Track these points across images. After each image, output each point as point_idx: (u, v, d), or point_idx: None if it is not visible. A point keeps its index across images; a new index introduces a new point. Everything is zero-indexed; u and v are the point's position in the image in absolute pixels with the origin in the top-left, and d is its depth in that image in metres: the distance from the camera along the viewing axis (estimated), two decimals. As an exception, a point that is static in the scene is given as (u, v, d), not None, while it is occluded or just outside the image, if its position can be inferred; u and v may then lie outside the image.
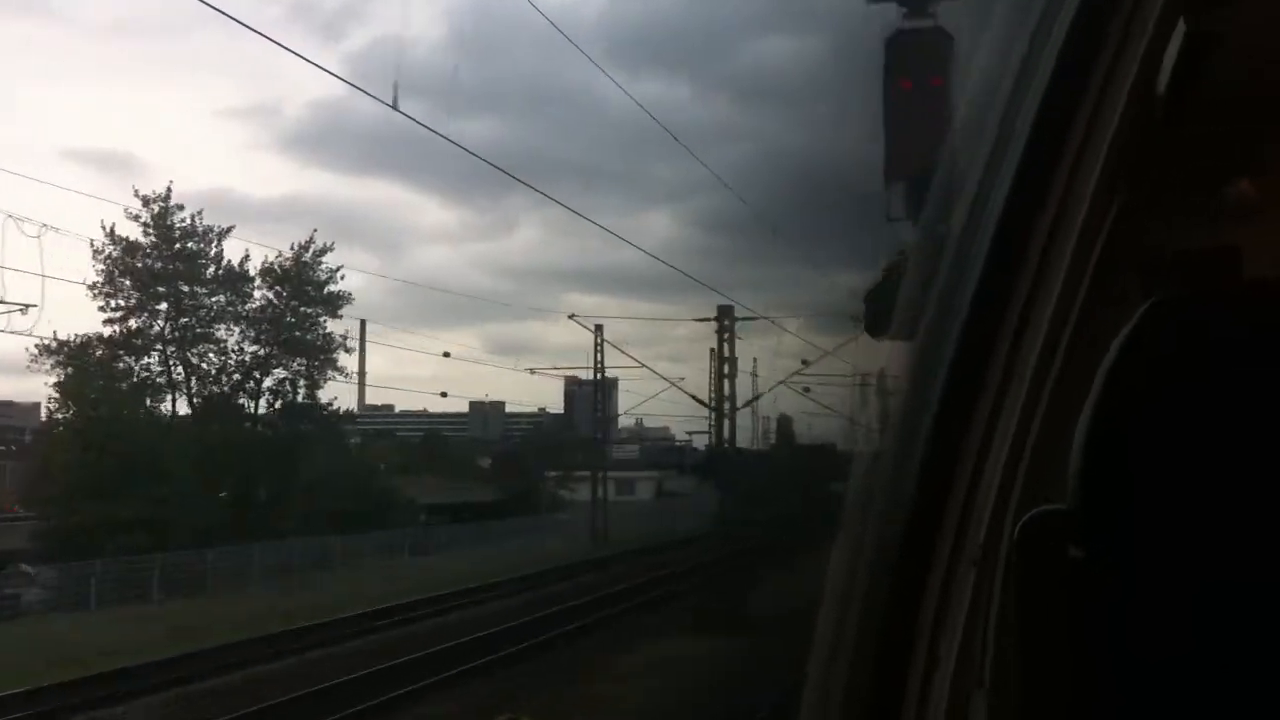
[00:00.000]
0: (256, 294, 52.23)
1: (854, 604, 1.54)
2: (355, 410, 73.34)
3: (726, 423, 46.92)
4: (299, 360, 53.06)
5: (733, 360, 49.04)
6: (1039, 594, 1.20)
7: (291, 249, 52.60)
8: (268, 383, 53.03)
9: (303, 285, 52.32)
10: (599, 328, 57.16)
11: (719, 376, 48.56)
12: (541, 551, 46.28)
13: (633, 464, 74.23)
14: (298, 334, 52.68)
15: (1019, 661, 1.22)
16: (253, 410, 53.11)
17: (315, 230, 57.66)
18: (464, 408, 78.53)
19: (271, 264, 52.11)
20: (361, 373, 70.03)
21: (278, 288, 52.33)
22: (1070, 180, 1.47)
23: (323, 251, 52.61)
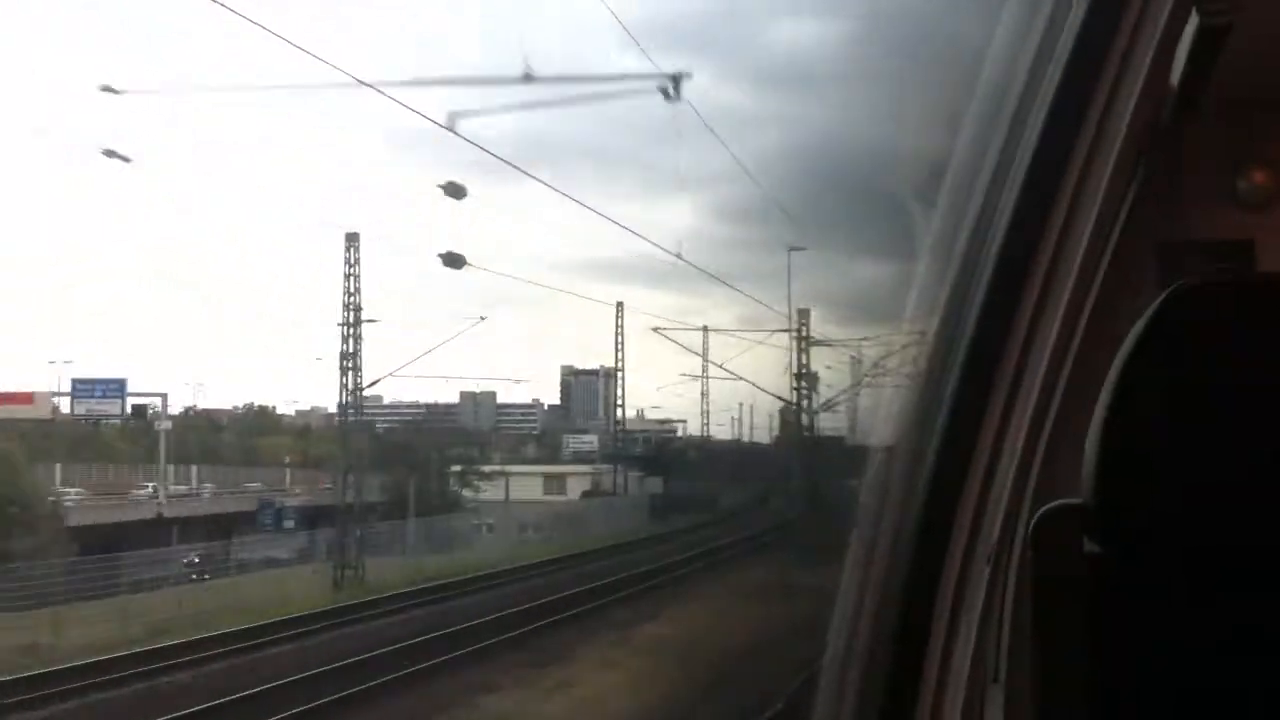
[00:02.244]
0: None
1: (869, 598, 1.56)
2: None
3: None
4: None
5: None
6: (1054, 589, 1.22)
7: None
8: None
9: None
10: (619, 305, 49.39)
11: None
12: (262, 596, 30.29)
13: (588, 457, 63.74)
14: None
15: (1034, 655, 1.24)
16: None
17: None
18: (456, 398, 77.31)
19: None
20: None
21: None
22: (1085, 171, 1.49)
23: None
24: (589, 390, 73.64)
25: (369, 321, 41.54)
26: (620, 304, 48.92)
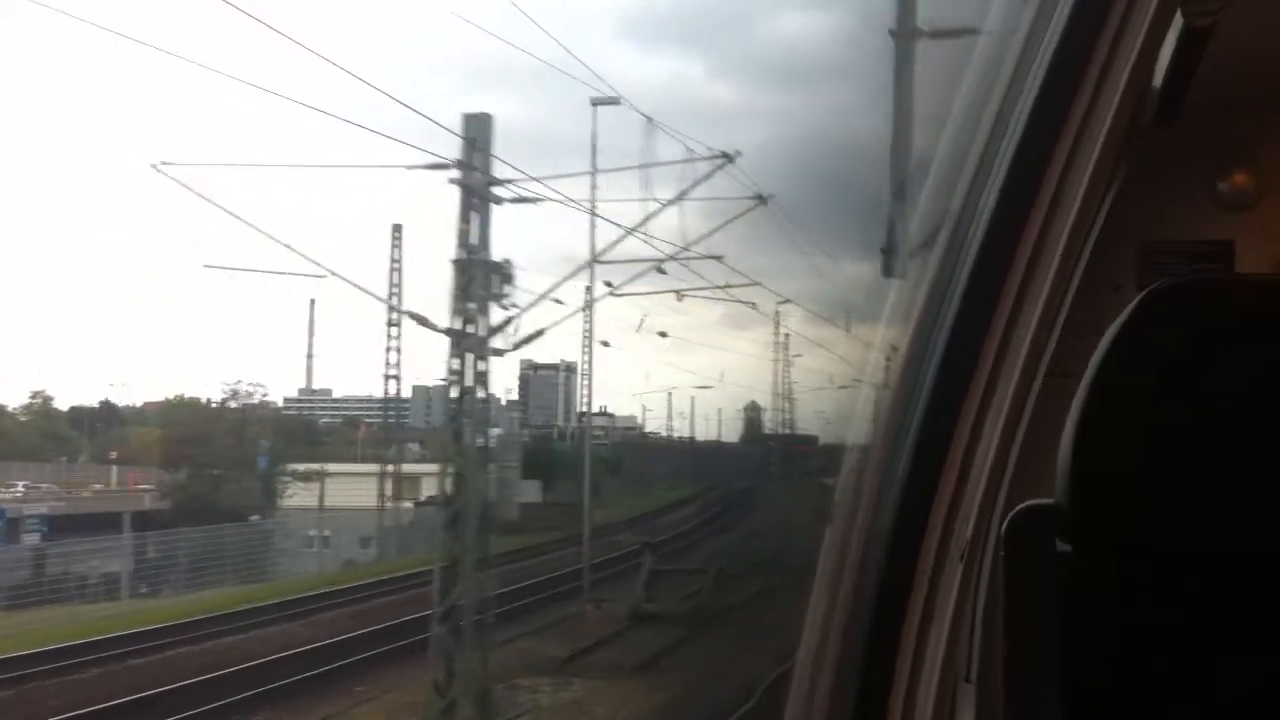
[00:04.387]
0: None
1: (842, 596, 1.58)
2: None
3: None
4: None
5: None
6: (1026, 588, 1.25)
7: None
8: None
9: None
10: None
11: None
12: None
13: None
14: None
15: (1006, 654, 1.27)
16: None
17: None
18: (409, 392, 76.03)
19: None
20: (309, 355, 67.82)
21: None
22: (1065, 171, 1.52)
23: None
24: (548, 385, 73.42)
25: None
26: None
